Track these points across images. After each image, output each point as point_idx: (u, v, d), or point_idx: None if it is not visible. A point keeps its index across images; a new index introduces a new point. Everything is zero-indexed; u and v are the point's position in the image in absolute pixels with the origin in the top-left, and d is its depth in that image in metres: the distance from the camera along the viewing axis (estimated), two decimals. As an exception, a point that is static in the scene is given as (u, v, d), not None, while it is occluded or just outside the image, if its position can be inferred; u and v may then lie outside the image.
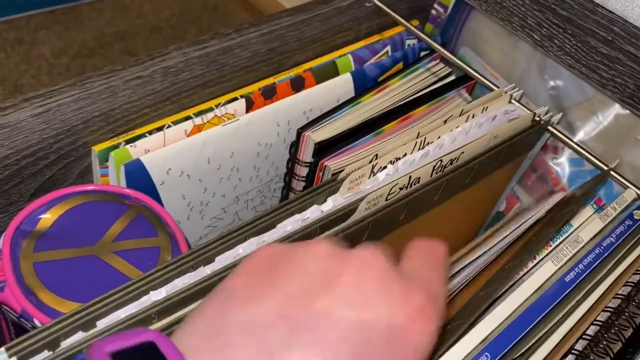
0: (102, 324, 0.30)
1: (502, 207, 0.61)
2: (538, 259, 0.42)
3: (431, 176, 0.43)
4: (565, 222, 0.44)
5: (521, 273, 0.41)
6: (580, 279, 0.39)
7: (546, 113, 0.49)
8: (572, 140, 0.49)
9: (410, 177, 0.41)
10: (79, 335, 0.29)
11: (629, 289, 0.40)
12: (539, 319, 0.36)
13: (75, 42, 1.22)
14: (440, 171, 0.44)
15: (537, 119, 0.48)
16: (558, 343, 0.36)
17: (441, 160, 0.43)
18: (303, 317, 0.21)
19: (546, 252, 0.43)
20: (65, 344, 0.29)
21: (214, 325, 0.21)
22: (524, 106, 0.49)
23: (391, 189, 0.41)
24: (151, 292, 0.32)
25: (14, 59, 1.16)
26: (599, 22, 0.45)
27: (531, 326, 0.35)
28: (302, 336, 0.20)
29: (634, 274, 0.41)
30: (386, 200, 0.41)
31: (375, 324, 0.21)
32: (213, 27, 1.31)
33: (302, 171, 0.52)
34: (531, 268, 0.41)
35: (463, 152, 0.44)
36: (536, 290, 0.36)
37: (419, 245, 0.27)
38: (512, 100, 0.49)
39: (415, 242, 0.27)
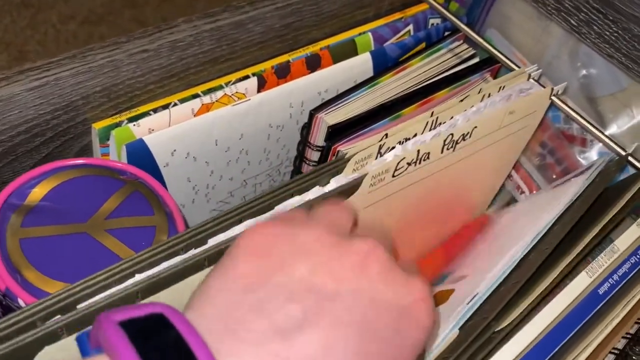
0: (82, 307, 0.28)
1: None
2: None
3: (442, 152, 0.41)
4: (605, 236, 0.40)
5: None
6: (615, 291, 0.36)
7: (564, 90, 0.46)
8: (584, 119, 0.47)
9: (418, 151, 0.39)
10: (57, 318, 0.27)
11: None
12: (571, 334, 0.33)
13: (83, 7, 1.18)
14: (451, 147, 0.41)
15: (555, 95, 0.45)
16: (587, 357, 0.34)
17: (452, 135, 0.40)
18: (313, 300, 0.21)
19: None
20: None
21: (225, 308, 0.21)
22: (541, 84, 0.46)
23: (398, 163, 0.38)
24: (137, 275, 0.29)
25: (20, 24, 1.13)
26: (643, 8, 0.42)
27: (563, 342, 0.33)
28: (314, 317, 0.21)
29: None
30: (393, 176, 0.39)
31: (383, 303, 0.22)
32: (225, -3, 1.27)
33: (314, 155, 0.49)
34: (564, 278, 0.38)
35: (476, 127, 0.42)
36: (570, 304, 0.34)
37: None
38: (531, 79, 0.47)
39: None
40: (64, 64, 0.37)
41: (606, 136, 0.47)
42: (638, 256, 0.37)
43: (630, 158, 0.44)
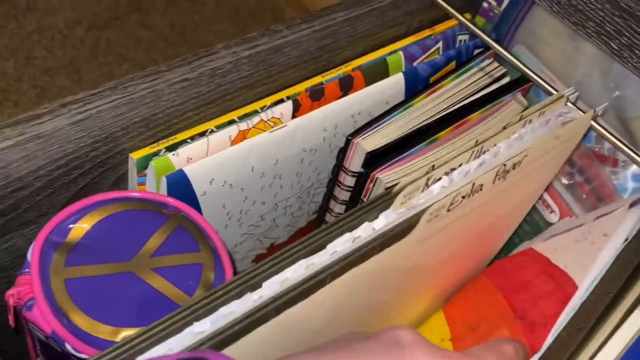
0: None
1: (554, 219, 0.57)
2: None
3: (493, 183, 0.40)
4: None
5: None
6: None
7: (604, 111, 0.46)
8: (618, 139, 0.47)
9: (473, 184, 0.38)
10: None
11: None
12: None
13: (89, 11, 1.17)
14: (502, 176, 0.41)
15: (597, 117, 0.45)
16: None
17: (504, 165, 0.40)
18: None
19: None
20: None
21: None
22: (579, 109, 0.46)
23: (453, 198, 0.37)
24: (195, 323, 0.29)
25: (26, 29, 1.11)
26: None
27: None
28: None
29: None
30: (447, 210, 0.38)
31: None
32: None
33: (349, 180, 0.48)
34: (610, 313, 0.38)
35: (526, 155, 0.41)
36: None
37: (489, 347, 0.26)
38: (568, 103, 0.46)
39: (481, 347, 0.27)
40: (105, 96, 0.36)
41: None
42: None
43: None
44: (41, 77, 1.04)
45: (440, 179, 0.39)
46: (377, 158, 0.45)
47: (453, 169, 0.41)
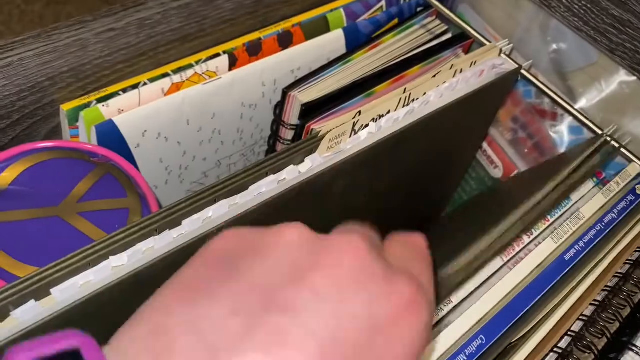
0: (56, 291, 0.28)
1: (499, 174, 0.59)
2: (535, 234, 0.40)
3: None
4: (563, 196, 0.42)
5: (517, 248, 0.39)
6: (580, 257, 0.37)
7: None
8: (555, 93, 0.48)
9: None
10: (31, 304, 0.27)
11: (627, 267, 0.39)
12: (536, 300, 0.34)
13: (48, -14, 1.15)
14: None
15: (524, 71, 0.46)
16: (555, 325, 0.35)
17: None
18: (261, 313, 0.17)
19: (544, 227, 0.41)
20: (16, 313, 0.26)
21: (157, 326, 0.18)
22: (513, 60, 0.47)
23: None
24: (111, 257, 0.29)
25: (-17, 4, 1.09)
26: (611, -19, 0.42)
27: (528, 307, 0.34)
28: (259, 335, 0.17)
29: (635, 251, 0.39)
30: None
31: (353, 318, 0.18)
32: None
33: (288, 134, 0.49)
34: (528, 244, 0.39)
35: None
36: (535, 269, 0.34)
37: (399, 238, 0.24)
38: (502, 55, 0.47)
39: (393, 236, 0.24)
40: (27, 44, 0.36)
41: (576, 110, 0.48)
42: (603, 224, 0.38)
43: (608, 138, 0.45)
44: None
45: (367, 125, 0.40)
46: (313, 110, 0.46)
47: (381, 116, 0.42)
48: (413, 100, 0.42)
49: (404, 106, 0.42)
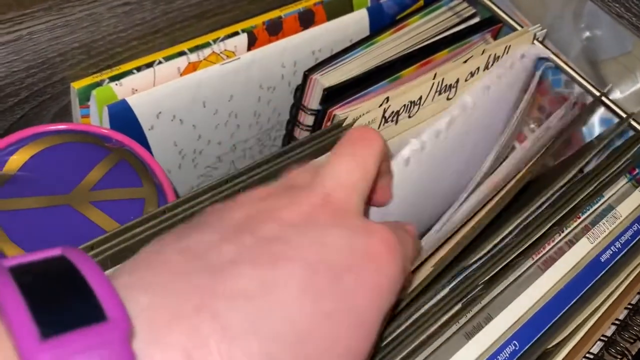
0: None
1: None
2: (566, 231, 0.38)
3: None
4: (597, 193, 0.39)
5: (548, 246, 0.37)
6: (617, 258, 0.35)
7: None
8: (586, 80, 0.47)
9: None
10: None
11: (664, 270, 0.37)
12: (571, 303, 0.32)
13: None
14: None
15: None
16: (588, 330, 0.33)
17: None
18: (250, 239, 0.19)
19: (575, 224, 0.38)
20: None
21: (152, 250, 0.20)
22: (548, 48, 0.44)
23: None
24: None
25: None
26: (658, -35, 0.39)
27: (563, 311, 0.32)
28: (251, 255, 0.19)
29: (673, 254, 0.37)
30: None
31: (334, 243, 0.20)
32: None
33: (307, 119, 0.47)
34: (558, 241, 0.37)
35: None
36: (569, 271, 0.33)
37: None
38: (535, 41, 0.45)
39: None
40: (38, 17, 0.34)
41: (608, 99, 0.46)
42: (641, 225, 0.36)
43: (632, 121, 0.43)
44: None
45: (398, 112, 0.38)
46: (336, 94, 0.43)
47: (412, 102, 0.39)
48: (445, 85, 0.40)
49: (436, 92, 0.40)
